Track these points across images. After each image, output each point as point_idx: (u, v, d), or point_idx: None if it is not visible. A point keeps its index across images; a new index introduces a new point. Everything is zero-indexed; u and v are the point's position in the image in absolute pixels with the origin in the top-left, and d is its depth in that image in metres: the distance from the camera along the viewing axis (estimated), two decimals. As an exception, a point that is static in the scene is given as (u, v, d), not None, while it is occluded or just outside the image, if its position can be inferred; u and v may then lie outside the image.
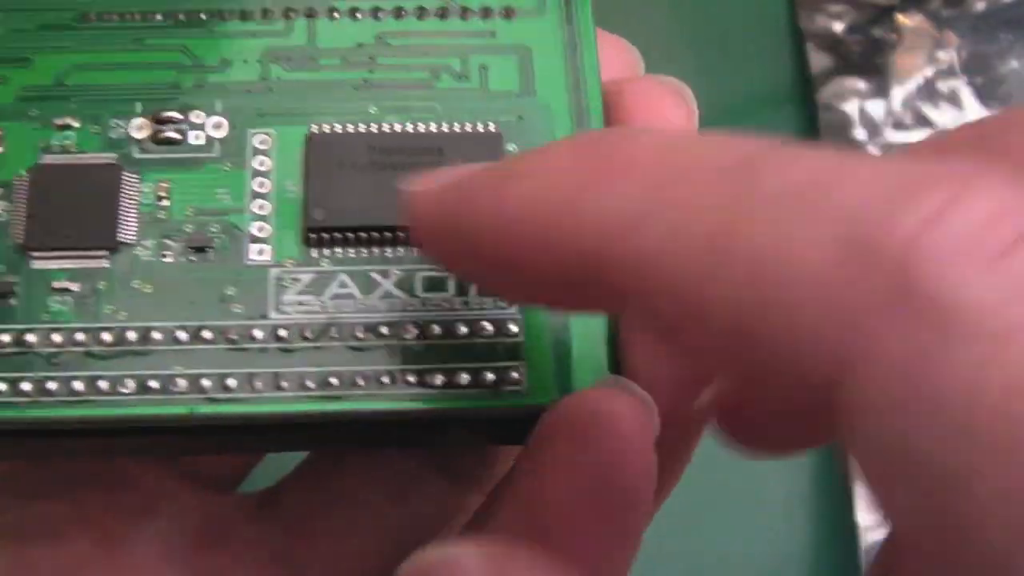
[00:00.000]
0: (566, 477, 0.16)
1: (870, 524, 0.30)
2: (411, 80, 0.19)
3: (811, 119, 0.34)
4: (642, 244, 0.12)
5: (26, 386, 0.16)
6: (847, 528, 0.30)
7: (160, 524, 0.20)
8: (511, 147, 0.18)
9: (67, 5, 0.19)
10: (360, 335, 0.17)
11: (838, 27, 0.35)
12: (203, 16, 0.19)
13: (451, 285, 0.18)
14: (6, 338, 0.16)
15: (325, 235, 0.17)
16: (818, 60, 0.34)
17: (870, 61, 0.34)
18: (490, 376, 0.17)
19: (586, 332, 0.18)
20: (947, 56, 0.34)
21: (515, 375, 0.17)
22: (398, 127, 0.18)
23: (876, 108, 0.34)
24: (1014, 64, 0.34)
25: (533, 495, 0.16)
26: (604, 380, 0.17)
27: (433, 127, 0.18)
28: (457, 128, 0.18)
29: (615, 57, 0.20)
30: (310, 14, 0.19)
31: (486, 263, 0.14)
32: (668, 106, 0.19)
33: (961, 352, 0.10)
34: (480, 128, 0.18)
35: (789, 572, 0.31)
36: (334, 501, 0.21)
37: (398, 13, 0.19)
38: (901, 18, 0.35)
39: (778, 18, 0.36)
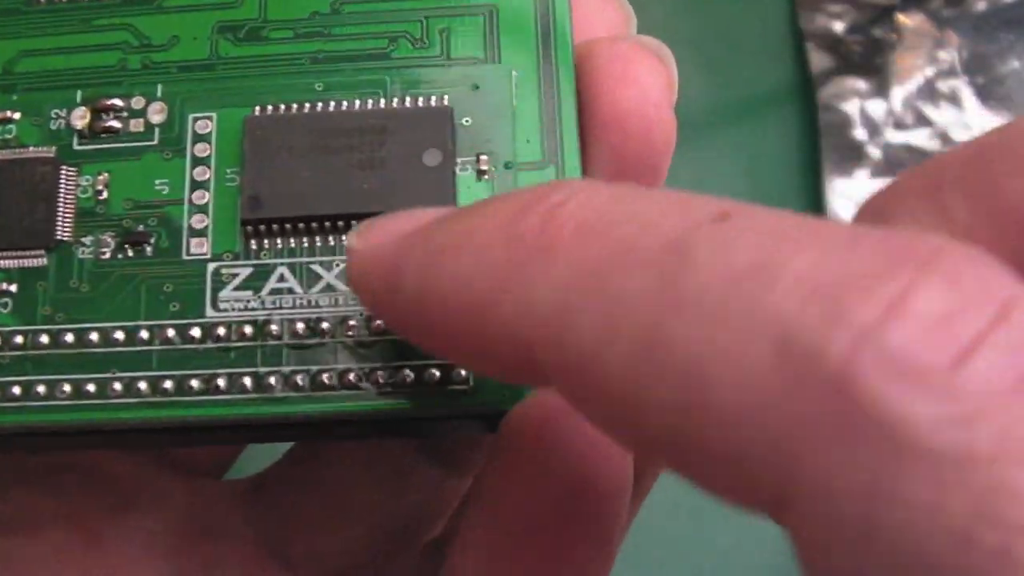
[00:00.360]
0: (532, 491, 0.15)
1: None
2: (366, 50, 0.18)
3: (811, 119, 0.33)
4: (570, 342, 0.11)
5: None
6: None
7: (141, 515, 0.20)
8: (465, 121, 0.17)
9: None
10: (300, 332, 0.16)
11: (838, 27, 0.34)
12: None
13: None
14: None
15: (263, 226, 0.17)
16: (818, 60, 0.34)
17: (870, 61, 0.34)
18: (436, 373, 0.16)
19: None
20: (948, 56, 0.34)
21: (462, 373, 0.16)
22: (344, 105, 0.17)
23: (876, 108, 0.33)
24: (1015, 64, 0.33)
25: (496, 519, 0.15)
26: None
27: (382, 103, 0.17)
28: (406, 103, 0.17)
29: (598, 13, 0.18)
30: None
31: (422, 334, 0.13)
32: (644, 71, 0.17)
33: (913, 484, 0.09)
34: (431, 102, 0.17)
35: (789, 572, 0.30)
36: (323, 489, 0.21)
37: None
38: (901, 18, 0.34)
39: (778, 18, 0.35)
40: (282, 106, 0.17)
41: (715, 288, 0.10)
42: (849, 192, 0.32)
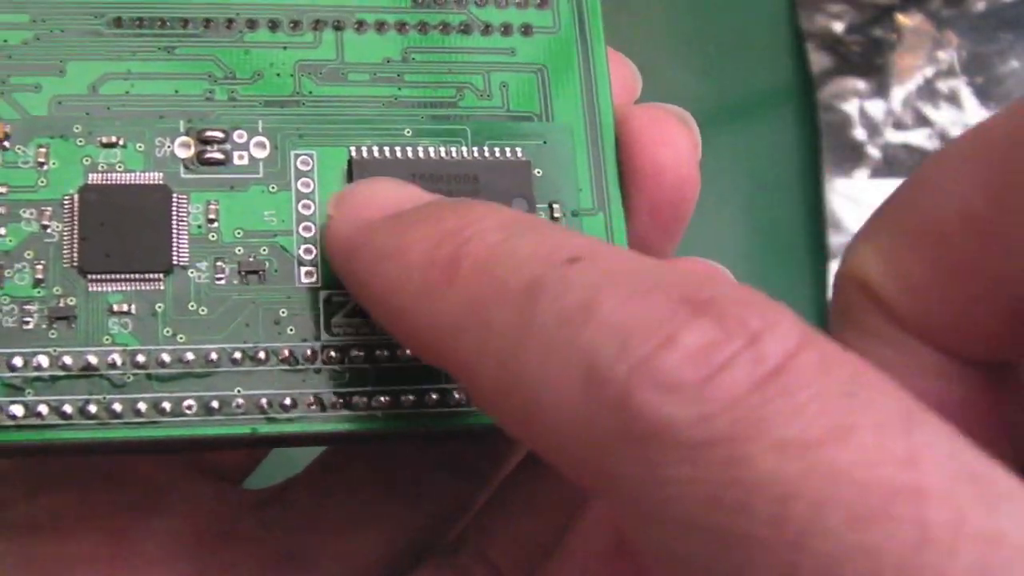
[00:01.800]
0: None
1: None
2: (437, 98, 0.20)
3: (811, 119, 0.35)
4: (458, 353, 0.15)
5: (93, 408, 0.17)
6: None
7: (168, 518, 0.21)
8: (537, 172, 0.20)
9: (94, 9, 0.19)
10: (409, 355, 0.18)
11: (838, 27, 0.36)
12: (233, 21, 0.20)
13: None
14: (69, 360, 0.17)
15: None
16: (818, 60, 0.35)
17: (870, 61, 0.35)
18: (434, 396, 0.19)
19: None
20: (947, 56, 0.35)
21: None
22: (432, 152, 0.20)
23: (876, 108, 0.35)
24: (1014, 64, 0.35)
25: None
26: None
27: (464, 151, 0.20)
28: (493, 154, 0.20)
29: (615, 73, 0.21)
30: (338, 26, 0.20)
31: (368, 308, 0.17)
32: (673, 132, 0.21)
33: (677, 466, 0.12)
34: (514, 154, 0.20)
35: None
36: (343, 498, 0.22)
37: (422, 28, 0.21)
38: (901, 18, 0.36)
39: (778, 18, 0.37)
40: (375, 149, 0.19)
41: (549, 325, 0.14)
42: (849, 192, 0.34)
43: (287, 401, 0.18)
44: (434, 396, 0.18)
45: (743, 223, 0.21)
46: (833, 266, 0.34)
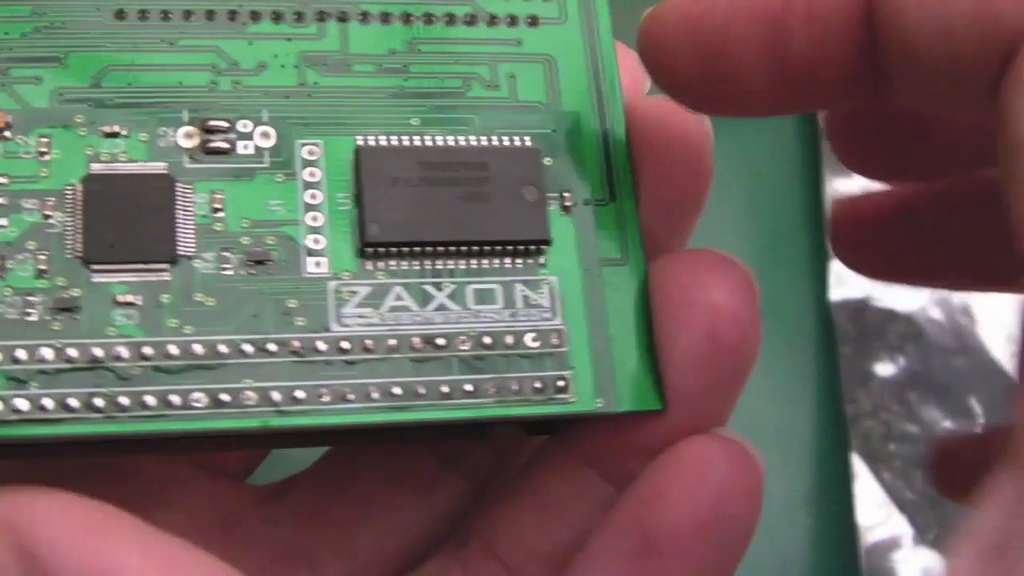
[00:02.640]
0: None
1: (870, 524, 0.32)
2: (444, 89, 0.20)
3: (811, 119, 0.35)
4: None
5: (99, 402, 0.17)
6: (847, 528, 0.32)
7: (170, 514, 0.21)
8: (547, 160, 0.20)
9: (96, 2, 0.19)
10: (418, 346, 0.18)
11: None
12: (236, 12, 0.20)
13: (500, 297, 0.19)
14: (73, 353, 0.17)
15: (381, 249, 0.19)
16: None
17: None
18: (536, 384, 0.19)
19: (628, 342, 0.19)
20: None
21: (561, 383, 0.18)
22: (440, 140, 0.20)
23: (874, 108, 0.35)
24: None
25: None
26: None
27: (472, 140, 0.20)
28: (501, 142, 0.20)
29: (624, 65, 0.22)
30: (342, 17, 0.20)
31: None
32: (686, 124, 0.21)
33: None
34: (523, 142, 0.20)
35: (789, 572, 0.32)
36: (347, 495, 0.22)
37: (428, 19, 0.21)
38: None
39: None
40: (382, 138, 0.19)
41: None
42: (849, 192, 0.34)
43: (298, 394, 0.18)
44: (444, 389, 0.18)
45: (743, 223, 0.22)
46: (833, 266, 0.34)
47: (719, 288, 0.19)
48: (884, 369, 0.34)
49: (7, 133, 0.18)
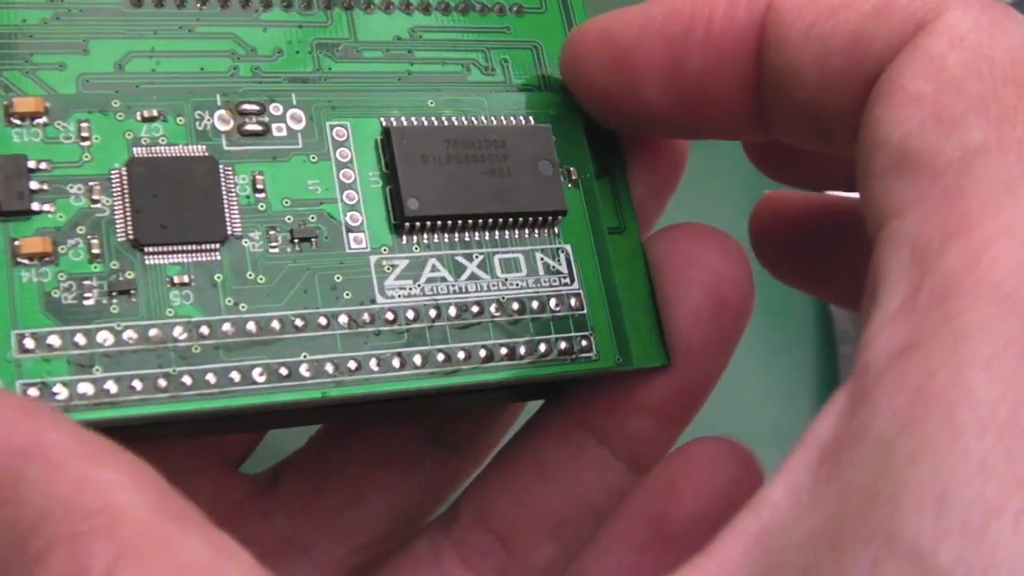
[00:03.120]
0: None
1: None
2: (447, 73, 0.21)
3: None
4: None
5: (162, 382, 0.17)
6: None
7: None
8: (553, 138, 0.21)
9: None
10: (455, 314, 0.19)
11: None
12: (249, 1, 0.21)
13: (523, 265, 0.20)
14: (133, 335, 0.18)
15: (417, 223, 0.20)
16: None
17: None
18: (563, 345, 0.20)
19: (634, 303, 0.21)
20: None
21: (584, 343, 0.20)
22: (459, 120, 0.21)
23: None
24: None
25: None
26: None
27: (484, 120, 0.21)
28: (519, 121, 0.21)
29: None
30: (347, 6, 0.21)
31: None
32: None
33: None
34: (534, 121, 0.21)
35: None
36: (340, 480, 0.23)
37: (426, 8, 0.22)
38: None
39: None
40: (404, 119, 0.20)
41: None
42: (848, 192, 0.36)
43: (352, 364, 0.19)
44: (482, 354, 0.19)
45: (743, 223, 0.23)
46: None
47: (718, 254, 0.21)
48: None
49: (44, 119, 0.18)
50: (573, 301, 0.21)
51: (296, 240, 0.19)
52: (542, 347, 0.20)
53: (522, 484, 0.22)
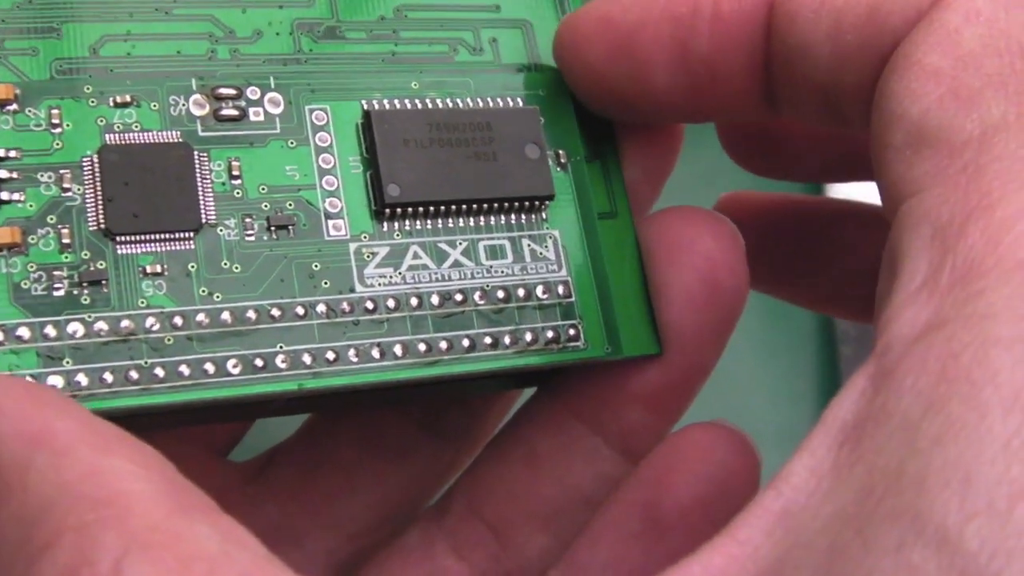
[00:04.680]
0: None
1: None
2: (434, 54, 0.21)
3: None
4: None
5: (134, 374, 0.17)
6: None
7: None
8: (540, 120, 0.21)
9: None
10: (438, 303, 0.19)
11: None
12: None
13: (509, 252, 0.20)
14: (104, 326, 0.17)
15: (398, 209, 0.19)
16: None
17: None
18: (550, 334, 0.19)
19: (625, 290, 0.20)
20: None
21: (572, 332, 0.20)
22: (443, 103, 0.20)
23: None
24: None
25: None
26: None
27: (469, 102, 0.20)
28: (505, 103, 0.21)
29: None
30: None
31: None
32: None
33: None
34: (520, 103, 0.21)
35: None
36: (330, 468, 0.23)
37: None
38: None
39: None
40: (386, 102, 0.20)
41: None
42: (849, 192, 0.35)
43: (330, 355, 0.18)
44: (465, 343, 0.19)
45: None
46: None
47: (712, 238, 0.21)
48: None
49: (14, 106, 0.18)
50: (561, 289, 0.20)
51: (273, 228, 0.19)
52: (528, 336, 0.19)
53: (514, 474, 0.22)
